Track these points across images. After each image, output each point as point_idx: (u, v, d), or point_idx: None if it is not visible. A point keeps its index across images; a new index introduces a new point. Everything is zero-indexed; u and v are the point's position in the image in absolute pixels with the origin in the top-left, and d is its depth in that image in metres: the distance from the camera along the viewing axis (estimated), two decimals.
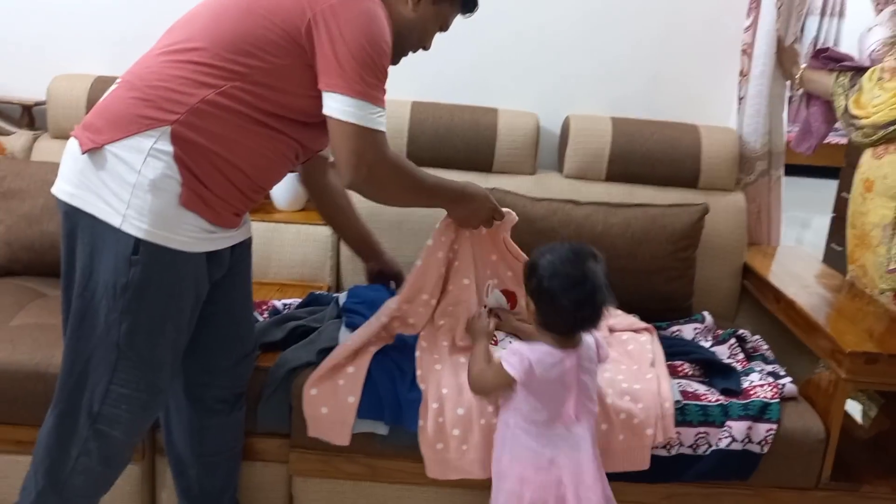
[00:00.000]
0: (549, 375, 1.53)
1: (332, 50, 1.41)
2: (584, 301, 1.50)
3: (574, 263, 1.52)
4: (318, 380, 1.74)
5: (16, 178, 2.25)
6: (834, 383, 1.81)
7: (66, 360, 1.46)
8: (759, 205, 2.54)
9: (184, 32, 1.46)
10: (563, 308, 1.51)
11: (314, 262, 2.38)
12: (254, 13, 1.43)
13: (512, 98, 2.57)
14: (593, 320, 1.54)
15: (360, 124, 1.43)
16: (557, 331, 1.56)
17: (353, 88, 1.41)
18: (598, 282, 1.51)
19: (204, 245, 1.46)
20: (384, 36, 1.46)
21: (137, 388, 1.45)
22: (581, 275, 1.51)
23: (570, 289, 1.50)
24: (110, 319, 1.40)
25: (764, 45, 2.38)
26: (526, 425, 1.57)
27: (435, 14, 1.62)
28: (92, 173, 1.39)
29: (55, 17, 2.55)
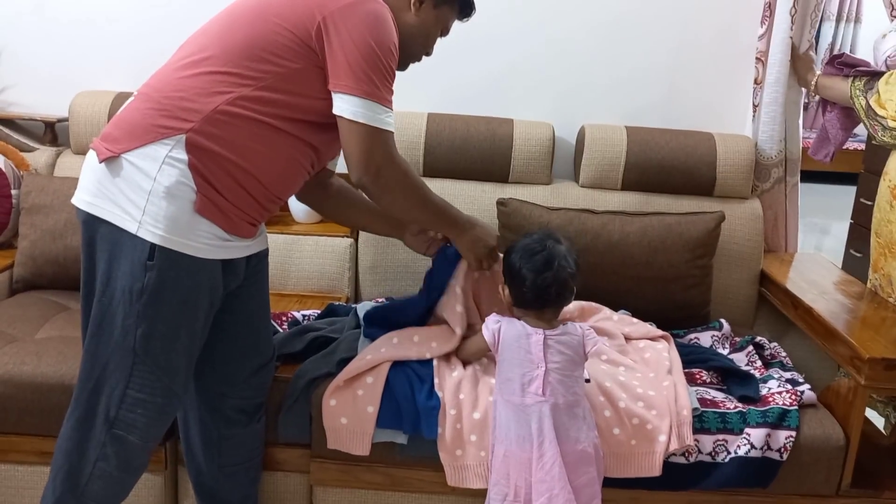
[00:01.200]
0: (512, 343, 1.65)
1: (342, 51, 1.44)
2: (542, 267, 1.62)
3: (537, 241, 1.68)
4: (337, 390, 1.76)
5: (40, 194, 2.29)
6: (853, 390, 1.80)
7: (84, 366, 1.49)
8: (775, 212, 2.53)
9: (197, 44, 1.50)
10: (524, 278, 1.64)
11: (332, 273, 2.40)
12: (265, 19, 1.47)
13: (527, 108, 2.59)
14: (555, 286, 1.63)
15: (369, 124, 1.46)
16: (524, 304, 1.67)
17: (361, 89, 1.45)
18: (556, 252, 1.64)
19: (219, 252, 1.49)
20: (392, 38, 1.50)
21: (153, 393, 1.47)
22: (540, 247, 1.65)
23: (528, 258, 1.64)
24: (126, 324, 1.43)
25: (778, 53, 2.38)
26: (503, 399, 1.65)
27: (436, 18, 1.66)
28: (109, 182, 1.43)
29: (76, 36, 2.60)
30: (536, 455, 1.59)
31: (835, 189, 4.82)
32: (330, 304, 2.17)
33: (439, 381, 1.77)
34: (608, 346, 1.97)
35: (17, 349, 1.90)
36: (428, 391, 1.75)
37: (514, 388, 1.63)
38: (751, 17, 2.48)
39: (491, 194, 2.40)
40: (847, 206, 4.05)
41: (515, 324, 1.67)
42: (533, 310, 1.67)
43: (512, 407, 1.63)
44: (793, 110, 2.46)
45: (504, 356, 1.66)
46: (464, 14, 1.72)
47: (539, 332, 1.64)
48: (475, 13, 1.73)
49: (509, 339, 1.65)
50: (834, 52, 6.64)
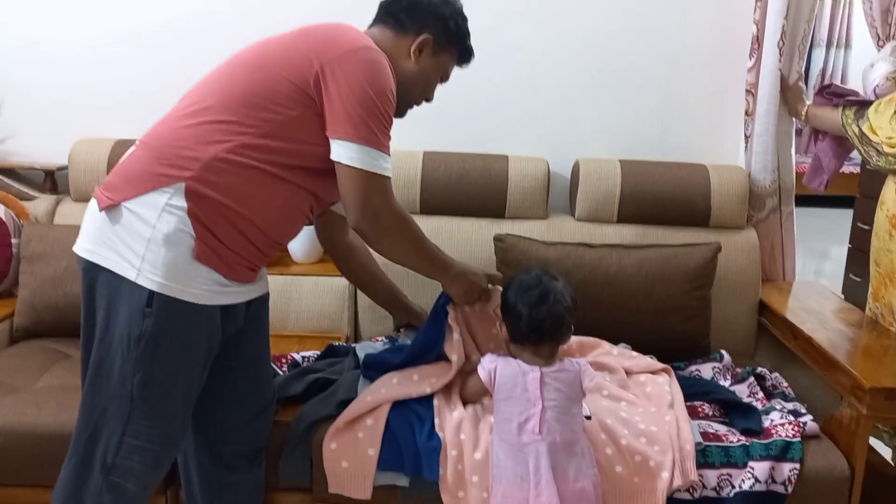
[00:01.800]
0: (508, 382, 1.65)
1: (339, 98, 1.46)
2: (537, 301, 1.64)
3: (533, 277, 1.70)
4: (338, 433, 1.75)
5: (40, 242, 2.31)
6: (856, 420, 1.80)
7: (82, 412, 1.49)
8: (771, 241, 2.54)
9: (198, 94, 1.53)
10: (520, 313, 1.65)
11: (332, 313, 2.40)
12: (264, 68, 1.50)
13: (522, 144, 2.61)
14: (550, 321, 1.65)
15: (366, 169, 1.48)
16: (521, 339, 1.68)
17: (359, 135, 1.47)
18: (551, 287, 1.67)
19: (217, 298, 1.49)
20: (389, 85, 1.52)
21: (150, 440, 1.47)
22: (536, 283, 1.68)
23: (524, 293, 1.67)
24: (124, 371, 1.44)
25: (768, 85, 2.40)
26: (499, 439, 1.65)
27: (436, 65, 1.69)
28: (109, 229, 1.44)
29: (75, 85, 2.63)
30: (533, 494, 1.58)
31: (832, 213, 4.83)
32: (330, 345, 2.17)
33: (440, 421, 1.76)
34: (609, 380, 1.97)
35: (17, 399, 1.90)
36: (429, 431, 1.74)
37: (510, 428, 1.63)
38: (739, 49, 2.51)
39: (488, 230, 2.41)
40: (845, 229, 4.05)
41: (511, 362, 1.67)
42: (529, 345, 1.67)
43: (509, 446, 1.62)
44: (785, 140, 2.48)
45: (500, 395, 1.66)
46: (463, 60, 1.75)
47: (535, 370, 1.64)
48: (474, 58, 1.76)
49: (505, 378, 1.65)
50: (825, 78, 6.74)
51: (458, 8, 1.71)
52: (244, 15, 2.56)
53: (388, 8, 1.68)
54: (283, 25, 1.62)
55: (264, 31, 1.62)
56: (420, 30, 1.65)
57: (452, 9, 1.69)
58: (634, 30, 2.57)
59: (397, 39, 1.65)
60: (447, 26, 1.67)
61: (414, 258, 1.70)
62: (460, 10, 1.71)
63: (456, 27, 1.69)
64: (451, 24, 1.68)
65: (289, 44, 1.53)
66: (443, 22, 1.66)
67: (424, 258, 1.71)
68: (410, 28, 1.65)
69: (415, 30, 1.65)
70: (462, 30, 1.71)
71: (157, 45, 2.59)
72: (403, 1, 1.66)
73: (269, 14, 2.54)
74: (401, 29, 1.65)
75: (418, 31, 1.65)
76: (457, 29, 1.69)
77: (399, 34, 1.65)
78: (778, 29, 2.34)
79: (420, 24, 1.65)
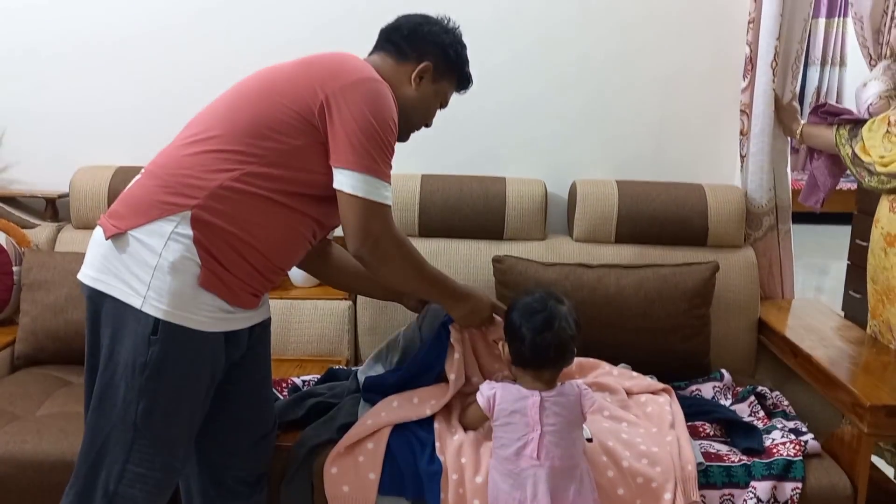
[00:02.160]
0: (507, 407, 1.63)
1: (343, 128, 1.48)
2: (541, 327, 1.62)
3: (538, 300, 1.68)
4: (338, 457, 1.75)
5: (41, 270, 2.32)
6: (857, 438, 1.80)
7: (86, 439, 1.49)
8: (770, 259, 2.55)
9: (202, 123, 1.54)
10: (524, 337, 1.64)
11: (332, 336, 2.41)
12: (268, 98, 1.51)
13: (519, 166, 2.63)
14: (554, 348, 1.63)
15: (367, 198, 1.50)
16: (523, 362, 1.66)
17: (361, 164, 1.48)
18: (556, 312, 1.64)
19: (222, 325, 1.50)
20: (391, 114, 1.54)
21: (152, 468, 1.47)
22: (542, 307, 1.65)
23: (528, 317, 1.65)
24: (128, 399, 1.44)
25: (762, 105, 2.42)
26: (498, 464, 1.64)
27: (435, 91, 1.72)
28: (115, 258, 1.45)
29: (76, 114, 2.65)
30: None
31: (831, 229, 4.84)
32: (330, 368, 2.18)
33: (440, 444, 1.76)
34: (610, 401, 1.97)
35: (18, 427, 1.90)
36: (430, 455, 1.74)
37: (508, 453, 1.62)
38: (733, 70, 2.54)
39: (486, 252, 2.42)
40: (844, 245, 4.06)
41: (510, 388, 1.67)
42: (531, 369, 1.67)
43: (507, 472, 1.62)
44: (780, 159, 2.50)
45: (499, 421, 1.65)
46: (461, 87, 1.78)
47: (535, 395, 1.63)
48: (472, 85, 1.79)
49: (504, 404, 1.64)
50: (820, 97, 6.79)
51: (458, 36, 1.74)
52: (246, 43, 2.58)
53: (389, 35, 1.70)
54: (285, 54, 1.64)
55: (267, 60, 1.64)
56: (421, 57, 1.67)
57: (452, 37, 1.72)
58: (629, 52, 2.60)
59: (398, 66, 1.67)
60: (447, 54, 1.70)
61: (416, 283, 1.70)
62: (460, 38, 1.74)
63: (456, 55, 1.72)
64: (450, 52, 1.70)
65: (293, 74, 1.55)
66: (443, 50, 1.69)
67: (427, 282, 1.71)
68: (411, 55, 1.67)
69: (415, 57, 1.67)
70: (461, 57, 1.74)
71: (157, 73, 2.61)
72: (404, 29, 1.69)
73: (271, 42, 2.57)
74: (402, 56, 1.68)
75: (419, 59, 1.67)
76: (456, 57, 1.72)
77: (400, 61, 1.68)
78: (771, 50, 2.37)
79: (421, 52, 1.68)
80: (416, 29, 1.69)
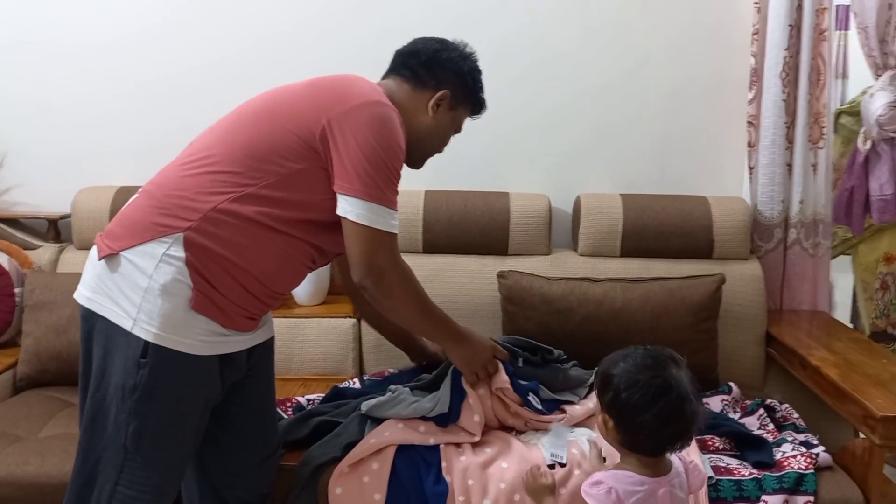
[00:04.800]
0: None
1: (347, 154, 1.46)
2: (670, 414, 1.33)
3: (654, 370, 1.37)
4: (343, 477, 1.73)
5: (43, 291, 2.31)
6: (869, 450, 1.77)
7: (78, 460, 1.48)
8: (781, 271, 2.53)
9: (202, 143, 1.53)
10: (646, 424, 1.34)
11: (336, 354, 2.39)
12: (270, 121, 1.50)
13: (523, 181, 2.63)
14: (683, 436, 1.37)
15: (372, 226, 1.47)
16: (643, 451, 1.39)
17: (365, 192, 1.46)
18: (683, 390, 1.35)
19: (215, 348, 1.48)
20: (396, 140, 1.51)
21: (142, 490, 1.45)
22: (664, 383, 1.35)
23: (652, 401, 1.34)
24: (119, 420, 1.43)
25: (773, 116, 2.42)
26: None
27: (452, 119, 1.72)
28: (108, 278, 1.44)
29: (78, 135, 2.66)
30: None
31: None
32: (334, 387, 2.16)
33: (447, 465, 1.74)
34: None
35: (20, 449, 1.89)
36: (435, 475, 1.72)
37: None
38: (736, 82, 2.54)
39: (491, 267, 2.40)
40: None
41: (627, 480, 1.37)
42: (644, 455, 1.41)
43: None
44: (808, 171, 2.46)
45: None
46: (475, 113, 1.77)
47: (663, 483, 1.38)
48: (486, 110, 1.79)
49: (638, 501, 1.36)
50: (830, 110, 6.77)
51: (475, 62, 1.72)
52: (247, 65, 2.59)
53: (406, 61, 1.68)
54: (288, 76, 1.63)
55: (268, 82, 1.63)
56: (439, 85, 1.66)
57: (470, 63, 1.71)
58: (632, 66, 2.60)
59: (415, 93, 1.66)
60: (465, 82, 1.69)
61: (418, 319, 1.67)
62: (476, 65, 1.73)
63: (473, 82, 1.71)
64: (468, 80, 1.70)
65: (296, 96, 1.53)
66: (461, 77, 1.68)
67: (428, 320, 1.68)
68: (429, 83, 1.66)
69: (433, 85, 1.66)
70: (478, 84, 1.73)
71: (158, 95, 2.62)
72: (422, 55, 1.67)
73: (273, 63, 2.58)
74: (418, 83, 1.66)
75: (437, 87, 1.66)
76: (474, 84, 1.71)
77: (417, 88, 1.66)
78: (780, 61, 2.37)
79: (439, 80, 1.66)
80: (434, 56, 1.67)
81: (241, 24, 2.60)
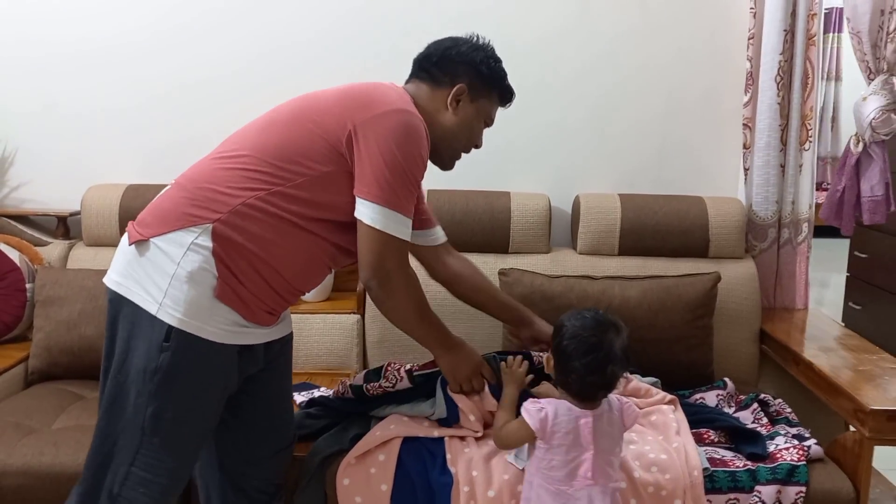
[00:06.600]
0: (562, 429, 1.58)
1: (369, 160, 1.51)
2: (594, 367, 1.56)
3: (594, 330, 1.59)
4: (350, 469, 1.77)
5: (54, 286, 2.36)
6: (859, 443, 1.83)
7: (95, 440, 1.52)
8: (775, 270, 2.59)
9: (235, 141, 1.58)
10: (574, 369, 1.58)
11: (341, 350, 2.44)
12: (300, 124, 1.54)
13: (523, 181, 2.68)
14: (603, 387, 1.60)
15: (385, 231, 1.52)
16: (570, 391, 1.61)
17: (383, 197, 1.51)
18: (612, 351, 1.57)
19: (235, 338, 1.52)
20: (419, 148, 1.56)
21: (157, 474, 1.49)
22: (597, 342, 1.58)
23: (583, 353, 1.57)
24: (138, 403, 1.46)
25: (767, 119, 2.48)
26: (546, 484, 1.60)
27: (476, 112, 1.72)
28: (136, 264, 1.49)
29: (87, 133, 2.70)
30: None
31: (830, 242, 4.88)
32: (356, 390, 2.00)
33: (451, 456, 1.78)
34: None
35: (35, 440, 1.93)
36: (441, 466, 1.76)
37: (561, 475, 1.58)
38: (733, 85, 2.60)
39: (492, 265, 2.45)
40: (843, 258, 4.10)
41: (561, 406, 1.60)
42: (576, 397, 1.61)
43: (558, 492, 1.58)
44: (797, 171, 2.53)
45: (548, 440, 1.59)
46: (505, 101, 1.78)
47: (588, 415, 1.59)
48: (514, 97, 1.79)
49: (561, 425, 1.58)
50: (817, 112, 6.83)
51: (490, 51, 1.73)
52: (254, 66, 2.63)
53: (421, 64, 1.72)
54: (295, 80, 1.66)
55: (275, 83, 1.67)
56: (454, 80, 1.68)
57: (483, 53, 1.71)
58: (631, 69, 2.66)
59: (433, 93, 1.69)
60: (480, 72, 1.70)
61: (415, 323, 1.69)
62: (492, 53, 1.73)
63: (489, 70, 1.71)
64: (483, 69, 1.70)
65: (326, 102, 1.57)
66: (474, 68, 1.69)
67: (424, 326, 1.71)
68: (444, 81, 1.69)
69: (448, 81, 1.69)
70: (496, 71, 1.72)
71: (166, 94, 2.66)
72: (434, 56, 1.70)
73: (281, 67, 2.61)
74: (434, 83, 1.69)
75: (452, 82, 1.68)
76: (490, 72, 1.71)
77: (434, 88, 1.69)
78: (775, 65, 2.43)
79: (453, 75, 1.68)
80: (444, 53, 1.70)
81: (249, 28, 2.64)
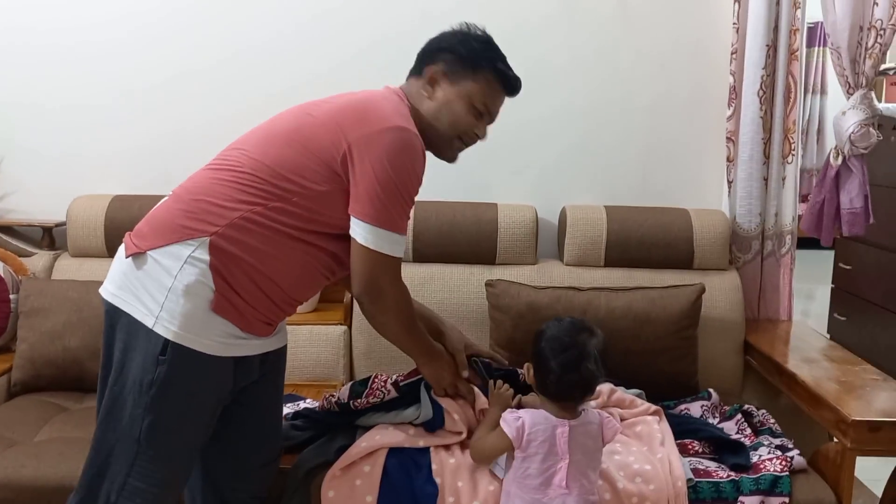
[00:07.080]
0: (538, 437, 1.61)
1: (363, 179, 1.51)
2: (569, 365, 1.60)
3: (570, 333, 1.65)
4: (335, 480, 1.77)
5: (38, 297, 2.34)
6: (841, 453, 1.84)
7: (92, 450, 1.52)
8: (759, 282, 2.61)
9: (233, 154, 1.58)
10: (550, 370, 1.62)
11: (327, 361, 2.44)
12: (296, 143, 1.54)
13: (510, 192, 2.69)
14: (580, 386, 1.63)
15: (378, 251, 1.53)
16: (549, 393, 1.64)
17: (375, 217, 1.52)
18: (585, 350, 1.62)
19: (231, 350, 1.53)
20: (414, 165, 1.56)
21: (152, 484, 1.49)
22: (571, 342, 1.63)
23: (559, 353, 1.62)
24: (134, 414, 1.47)
25: (750, 132, 2.50)
26: (523, 493, 1.62)
27: (457, 94, 1.66)
28: (133, 276, 1.49)
29: (72, 144, 2.69)
30: None
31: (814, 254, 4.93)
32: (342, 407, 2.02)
33: (437, 466, 1.78)
34: None
35: (16, 452, 1.92)
36: (426, 476, 1.76)
37: (536, 483, 1.61)
38: (716, 99, 2.63)
39: (479, 276, 2.46)
40: (827, 269, 4.13)
41: (538, 416, 1.64)
42: (555, 400, 1.65)
43: (533, 500, 1.61)
44: (778, 185, 2.55)
45: (523, 449, 1.62)
46: (508, 88, 1.72)
47: (564, 424, 1.62)
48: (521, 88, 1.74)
49: (536, 433, 1.61)
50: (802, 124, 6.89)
51: (473, 33, 1.68)
52: (243, 72, 2.62)
53: (415, 59, 1.72)
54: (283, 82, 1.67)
55: (264, 88, 1.67)
56: (430, 65, 1.67)
57: (462, 35, 1.67)
58: (616, 83, 2.68)
59: (416, 83, 1.69)
60: (457, 51, 1.65)
61: (403, 336, 1.71)
62: (475, 35, 1.68)
63: (469, 49, 1.65)
64: (461, 49, 1.65)
65: (322, 119, 1.56)
66: (451, 49, 1.66)
67: (412, 338, 1.72)
68: (423, 70, 1.68)
69: (425, 68, 1.68)
70: (478, 51, 1.66)
71: (154, 103, 2.65)
72: (421, 50, 1.71)
73: (268, 70, 2.60)
74: (417, 73, 1.70)
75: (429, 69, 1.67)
76: (469, 52, 1.65)
77: (417, 79, 1.69)
78: (757, 80, 2.46)
79: (429, 62, 1.67)
80: (428, 43, 1.71)
81: (236, 31, 2.63)
